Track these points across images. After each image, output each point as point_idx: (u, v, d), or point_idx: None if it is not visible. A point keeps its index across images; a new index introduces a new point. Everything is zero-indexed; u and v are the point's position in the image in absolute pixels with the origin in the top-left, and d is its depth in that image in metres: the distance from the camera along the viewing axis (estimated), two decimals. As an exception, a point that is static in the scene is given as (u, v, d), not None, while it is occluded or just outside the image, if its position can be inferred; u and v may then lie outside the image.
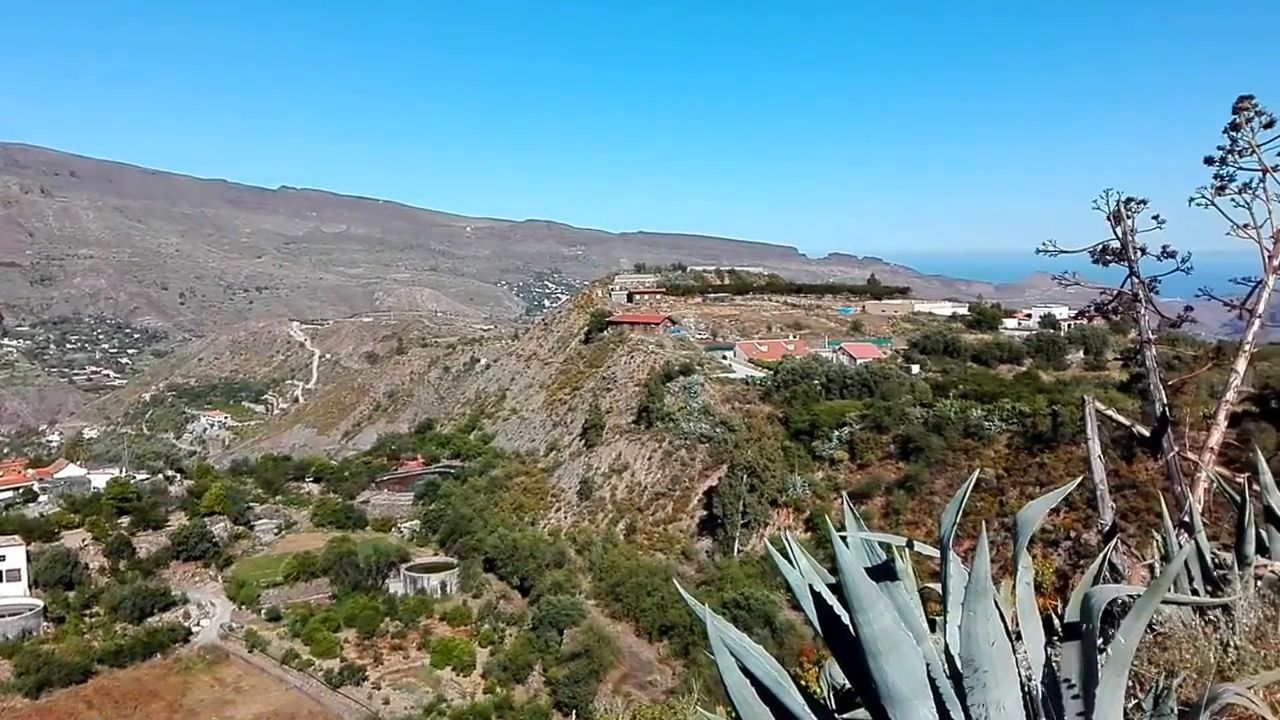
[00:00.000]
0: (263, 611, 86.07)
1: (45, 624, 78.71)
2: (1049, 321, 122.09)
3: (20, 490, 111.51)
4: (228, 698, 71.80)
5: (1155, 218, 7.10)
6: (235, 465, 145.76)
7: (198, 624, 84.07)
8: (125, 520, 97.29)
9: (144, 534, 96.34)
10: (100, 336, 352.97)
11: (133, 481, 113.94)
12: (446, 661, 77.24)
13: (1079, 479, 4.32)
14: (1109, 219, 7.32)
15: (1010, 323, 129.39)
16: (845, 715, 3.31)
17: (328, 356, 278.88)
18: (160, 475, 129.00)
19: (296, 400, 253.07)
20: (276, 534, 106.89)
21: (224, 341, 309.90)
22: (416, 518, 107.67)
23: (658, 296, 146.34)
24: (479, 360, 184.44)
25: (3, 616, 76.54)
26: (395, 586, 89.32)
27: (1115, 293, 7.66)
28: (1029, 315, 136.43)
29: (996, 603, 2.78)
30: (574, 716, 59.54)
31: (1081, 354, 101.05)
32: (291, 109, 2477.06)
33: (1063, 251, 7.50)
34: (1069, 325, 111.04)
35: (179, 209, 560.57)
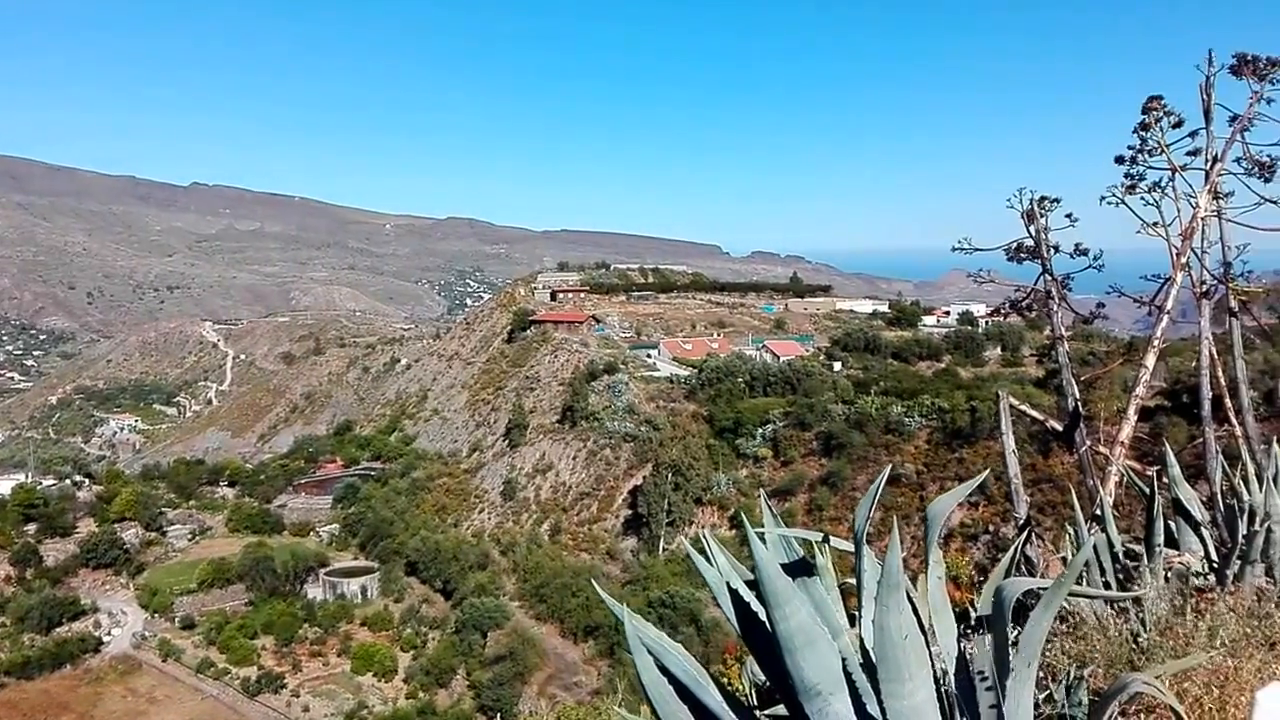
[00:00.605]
0: (176, 619, 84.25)
1: (-53, 636, 75.65)
2: (967, 319, 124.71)
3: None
4: (141, 708, 70.36)
5: (1068, 216, 7.27)
6: (146, 470, 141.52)
7: (109, 633, 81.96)
8: (31, 527, 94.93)
9: (51, 541, 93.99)
10: (4, 338, 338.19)
11: (39, 487, 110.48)
12: (368, 667, 76.33)
13: (986, 471, 4.39)
14: (1023, 217, 7.46)
15: (929, 320, 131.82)
16: (766, 711, 3.31)
17: (242, 357, 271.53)
18: (68, 480, 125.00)
19: (210, 402, 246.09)
20: (190, 540, 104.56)
21: (134, 342, 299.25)
22: (335, 521, 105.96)
23: (581, 295, 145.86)
24: (399, 360, 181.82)
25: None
26: (314, 592, 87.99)
27: (1029, 290, 7.82)
28: (948, 312, 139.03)
29: (910, 596, 2.80)
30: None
31: (999, 350, 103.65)
32: (202, 103, 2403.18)
33: (978, 249, 7.61)
34: (986, 322, 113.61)
35: (86, 206, 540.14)
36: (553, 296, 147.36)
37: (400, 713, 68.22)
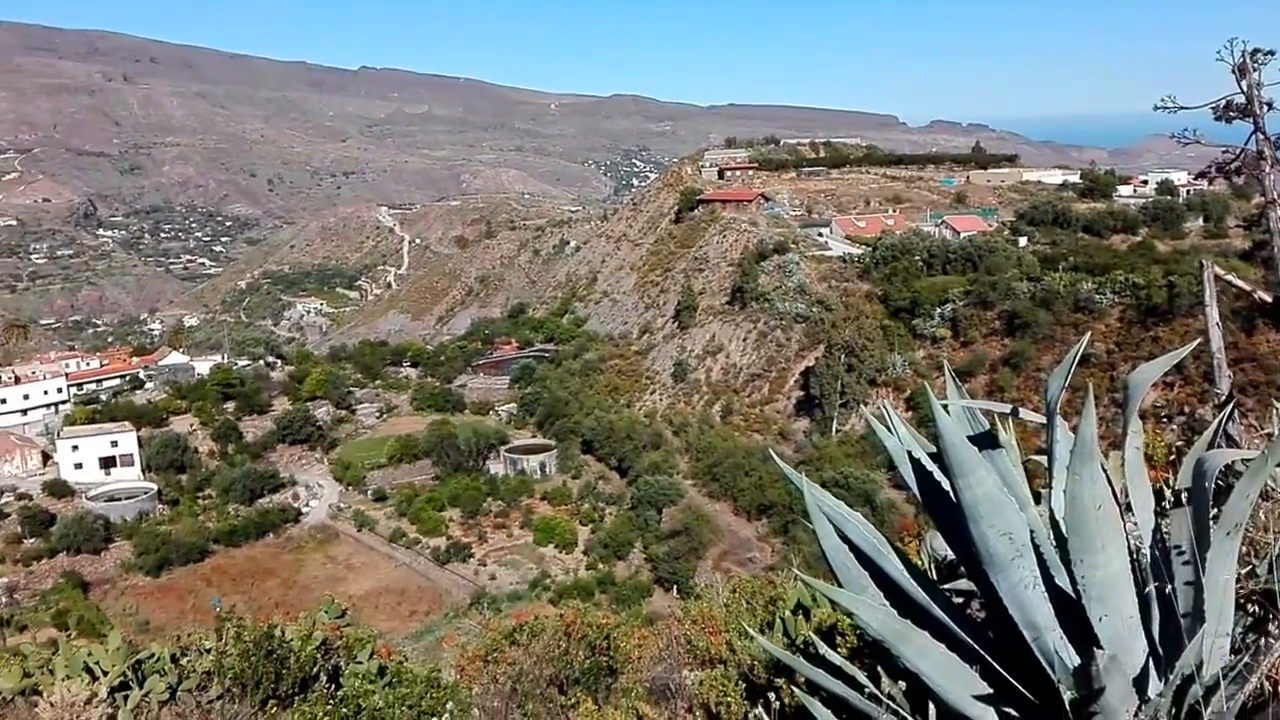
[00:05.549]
0: (369, 492, 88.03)
1: (160, 506, 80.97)
2: (1166, 188, 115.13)
3: (127, 378, 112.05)
4: (339, 574, 73.85)
5: (1287, 68, 6.57)
6: (334, 351, 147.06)
7: (307, 505, 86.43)
8: (230, 405, 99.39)
9: (249, 418, 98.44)
10: (193, 225, 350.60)
11: (235, 368, 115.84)
12: (549, 539, 79.29)
13: (1195, 343, 4.17)
14: (1234, 71, 6.78)
15: (1125, 190, 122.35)
16: (946, 586, 3.28)
17: (417, 241, 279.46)
18: (261, 361, 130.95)
19: (389, 286, 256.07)
20: (378, 417, 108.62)
21: (314, 228, 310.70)
22: (513, 401, 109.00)
23: (749, 172, 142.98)
24: (568, 243, 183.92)
25: (121, 499, 78.73)
26: (496, 468, 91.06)
27: (1238, 151, 7.16)
28: (1145, 181, 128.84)
29: (1104, 468, 2.68)
30: (675, 591, 61.41)
31: (1201, 221, 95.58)
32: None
33: (1183, 108, 6.98)
34: (1188, 191, 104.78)
35: (260, 93, 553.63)
36: (720, 175, 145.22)
37: (581, 582, 71.05)
